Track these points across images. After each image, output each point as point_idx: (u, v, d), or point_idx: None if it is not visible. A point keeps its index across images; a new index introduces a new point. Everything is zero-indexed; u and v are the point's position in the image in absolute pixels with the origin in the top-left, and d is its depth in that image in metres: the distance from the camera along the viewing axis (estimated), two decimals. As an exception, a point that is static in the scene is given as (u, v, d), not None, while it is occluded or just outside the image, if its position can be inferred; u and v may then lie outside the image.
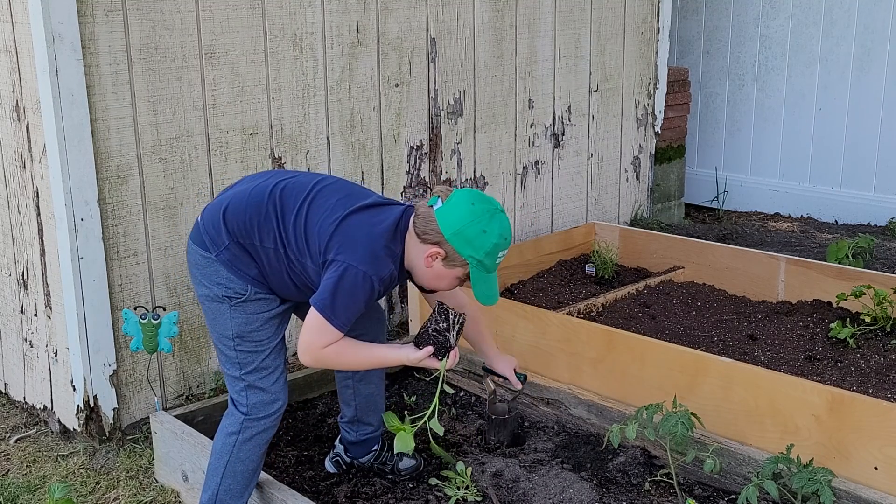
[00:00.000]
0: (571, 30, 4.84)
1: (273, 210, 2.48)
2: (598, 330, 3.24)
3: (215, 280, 2.50)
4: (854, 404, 2.64)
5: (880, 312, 3.59)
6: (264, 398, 2.54)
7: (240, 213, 2.49)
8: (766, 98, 6.13)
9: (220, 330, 2.54)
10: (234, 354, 2.53)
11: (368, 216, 2.46)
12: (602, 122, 5.15)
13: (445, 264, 2.45)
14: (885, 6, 5.52)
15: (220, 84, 3.41)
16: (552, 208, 4.96)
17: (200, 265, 2.53)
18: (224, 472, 2.54)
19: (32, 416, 3.58)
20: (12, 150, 3.29)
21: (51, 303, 3.28)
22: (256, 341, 2.53)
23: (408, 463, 2.95)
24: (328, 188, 2.54)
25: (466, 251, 2.41)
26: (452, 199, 2.44)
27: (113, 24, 3.10)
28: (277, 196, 2.50)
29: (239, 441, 2.54)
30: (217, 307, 2.52)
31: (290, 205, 2.48)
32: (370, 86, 3.93)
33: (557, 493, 2.79)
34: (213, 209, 2.55)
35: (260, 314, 2.52)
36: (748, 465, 2.75)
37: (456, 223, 2.40)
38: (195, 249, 2.54)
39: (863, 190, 5.77)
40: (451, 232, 2.40)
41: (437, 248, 2.42)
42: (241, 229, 2.48)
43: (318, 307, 2.36)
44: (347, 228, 2.41)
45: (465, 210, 2.41)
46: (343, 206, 2.46)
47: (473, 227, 2.40)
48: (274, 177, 2.60)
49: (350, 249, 2.38)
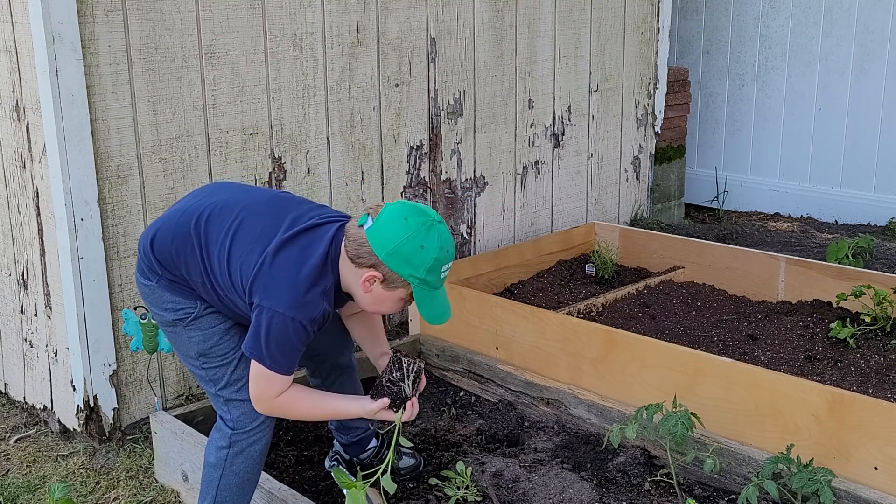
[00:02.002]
0: (571, 30, 4.84)
1: (197, 243, 2.36)
2: (598, 330, 3.24)
3: (163, 306, 2.46)
4: (854, 404, 2.64)
5: (880, 312, 3.60)
6: (246, 409, 2.44)
7: (165, 246, 2.40)
8: (766, 98, 6.13)
9: (184, 351, 2.50)
10: (203, 373, 2.48)
11: (293, 253, 2.28)
12: (602, 122, 5.15)
13: (385, 287, 2.27)
14: (885, 6, 5.52)
15: (220, 84, 3.41)
16: (552, 208, 4.96)
17: (145, 293, 2.50)
18: (219, 485, 2.49)
19: (32, 416, 3.58)
20: (12, 150, 3.29)
21: (51, 303, 3.29)
22: (220, 356, 2.46)
23: (408, 462, 2.96)
24: (253, 214, 2.37)
25: (405, 271, 2.23)
26: (383, 215, 2.25)
27: (113, 24, 3.10)
28: (203, 227, 2.37)
29: (230, 455, 2.46)
30: (173, 330, 2.48)
31: (213, 237, 2.35)
32: (370, 86, 3.93)
33: (557, 493, 2.79)
34: (143, 239, 2.47)
35: (215, 327, 2.45)
36: (748, 465, 2.75)
37: (390, 242, 2.21)
38: (137, 277, 2.51)
39: (863, 190, 5.77)
40: (386, 252, 2.21)
41: (374, 272, 2.24)
42: (168, 262, 2.41)
43: (254, 357, 2.26)
44: (271, 271, 2.25)
45: (398, 226, 2.22)
46: (266, 238, 2.30)
47: (409, 243, 2.21)
48: (205, 198, 2.45)
49: (275, 295, 2.23)
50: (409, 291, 2.29)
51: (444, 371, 3.65)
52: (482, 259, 4.25)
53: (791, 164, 6.06)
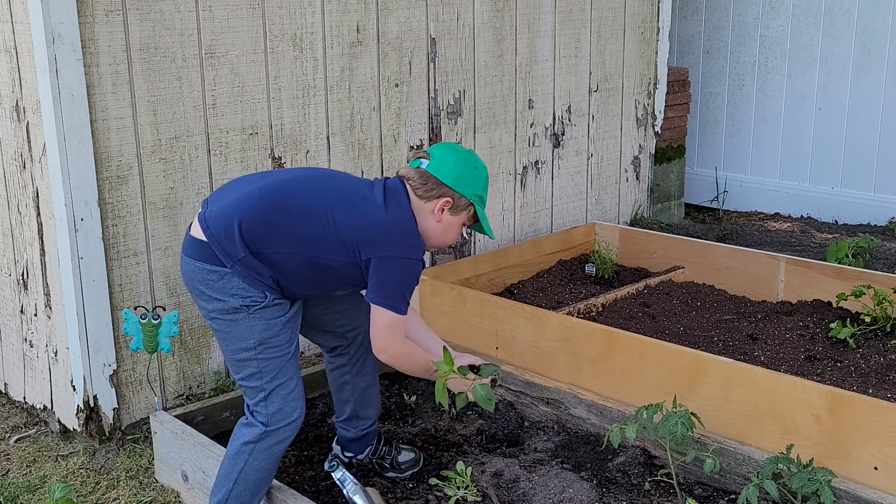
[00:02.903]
0: (571, 30, 4.84)
1: (290, 214, 2.49)
2: (598, 330, 3.24)
3: (230, 292, 2.48)
4: (854, 404, 2.64)
5: (880, 312, 3.59)
6: (284, 407, 2.53)
7: (256, 223, 2.46)
8: (766, 98, 6.13)
9: (239, 341, 2.51)
10: (255, 363, 2.51)
11: (393, 207, 2.55)
12: (602, 122, 5.15)
13: (452, 212, 2.61)
14: (885, 6, 5.52)
15: (220, 84, 3.41)
16: (552, 208, 4.96)
17: (208, 280, 2.49)
18: (237, 478, 2.52)
19: (32, 416, 3.58)
20: (12, 150, 3.29)
21: (51, 303, 3.29)
22: (277, 346, 2.52)
23: (407, 456, 2.96)
24: (336, 183, 2.61)
25: (469, 191, 2.60)
26: (435, 153, 2.63)
27: (113, 23, 3.10)
28: (291, 199, 2.51)
29: (257, 449, 2.52)
30: (233, 318, 2.49)
31: (307, 206, 2.50)
32: (370, 86, 3.93)
33: (557, 493, 2.79)
34: (222, 222, 2.48)
35: (277, 319, 2.52)
36: (748, 465, 2.75)
37: (453, 170, 2.58)
38: (199, 266, 2.49)
39: (863, 190, 5.77)
40: (452, 178, 2.58)
41: (445, 199, 2.58)
42: (259, 240, 2.46)
43: (386, 304, 2.50)
44: (382, 226, 2.51)
45: (453, 157, 2.61)
46: (364, 201, 2.54)
47: (466, 167, 2.61)
48: (272, 177, 2.60)
49: (394, 245, 2.51)
50: (469, 214, 2.65)
51: (444, 371, 3.66)
52: (482, 259, 4.25)
53: (791, 164, 6.06)
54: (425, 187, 2.57)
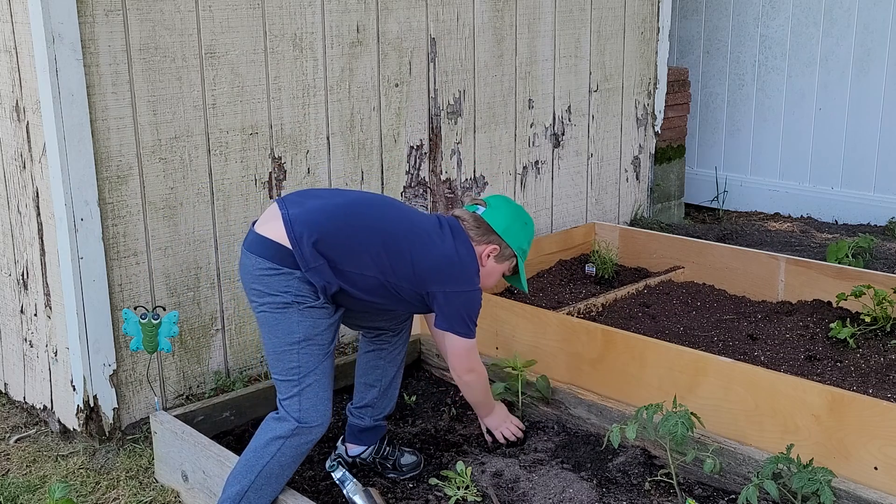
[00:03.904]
0: (571, 30, 4.84)
1: (373, 242, 2.60)
2: (597, 330, 3.24)
3: (283, 289, 2.53)
4: (854, 404, 2.64)
5: (880, 312, 3.60)
6: (318, 405, 2.58)
7: (338, 238, 2.56)
8: (766, 98, 6.13)
9: (286, 335, 2.55)
10: (296, 358, 2.55)
11: (460, 243, 2.72)
12: (602, 122, 5.15)
13: (497, 260, 2.79)
14: (885, 6, 5.52)
15: (220, 84, 3.41)
16: (552, 208, 4.96)
17: (265, 277, 2.54)
18: (261, 471, 2.54)
19: (32, 416, 3.58)
20: (12, 150, 3.29)
21: (51, 303, 3.29)
22: (321, 344, 2.58)
23: (409, 459, 2.97)
24: (410, 216, 2.75)
25: (516, 243, 2.79)
26: (493, 202, 2.83)
27: (113, 23, 3.10)
28: (382, 225, 2.64)
29: (286, 445, 2.55)
30: (283, 311, 2.54)
31: (390, 239, 2.62)
32: (370, 86, 3.93)
33: (557, 493, 2.79)
34: (305, 228, 2.53)
35: (323, 320, 2.58)
36: (748, 465, 2.75)
37: (504, 221, 2.78)
38: (267, 265, 2.53)
39: (863, 190, 5.77)
40: (503, 228, 2.77)
41: (494, 246, 2.76)
42: (339, 255, 2.55)
43: (460, 333, 2.71)
44: (451, 263, 2.68)
45: (508, 209, 2.82)
46: (437, 237, 2.70)
47: (517, 221, 2.82)
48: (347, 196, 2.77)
49: (460, 280, 2.69)
50: (510, 265, 2.84)
51: (445, 371, 3.65)
52: (482, 259, 4.25)
53: (791, 164, 6.06)
54: (477, 230, 2.76)
